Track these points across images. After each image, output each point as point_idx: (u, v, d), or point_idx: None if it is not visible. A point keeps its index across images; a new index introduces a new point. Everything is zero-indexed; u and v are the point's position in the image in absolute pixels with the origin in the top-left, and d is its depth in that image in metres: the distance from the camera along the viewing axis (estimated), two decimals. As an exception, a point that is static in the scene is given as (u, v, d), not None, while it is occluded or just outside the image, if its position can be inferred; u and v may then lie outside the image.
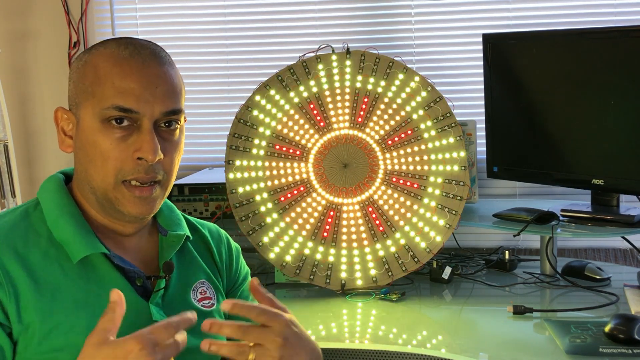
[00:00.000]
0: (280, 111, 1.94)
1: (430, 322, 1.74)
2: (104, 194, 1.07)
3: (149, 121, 1.05)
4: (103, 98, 1.05)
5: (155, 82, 1.06)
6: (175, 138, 1.10)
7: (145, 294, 1.10)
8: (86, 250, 1.05)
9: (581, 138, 1.94)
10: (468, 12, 2.32)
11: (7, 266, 1.02)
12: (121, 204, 1.07)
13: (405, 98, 1.93)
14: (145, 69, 1.06)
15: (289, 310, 1.06)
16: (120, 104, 1.04)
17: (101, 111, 1.05)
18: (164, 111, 1.07)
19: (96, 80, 1.06)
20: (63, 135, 1.12)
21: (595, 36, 1.90)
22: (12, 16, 2.50)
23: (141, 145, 1.05)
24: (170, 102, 1.08)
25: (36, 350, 1.01)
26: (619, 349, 1.45)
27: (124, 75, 1.05)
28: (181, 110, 1.10)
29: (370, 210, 1.91)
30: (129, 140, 1.05)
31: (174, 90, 1.09)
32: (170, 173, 1.11)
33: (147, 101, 1.05)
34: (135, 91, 1.04)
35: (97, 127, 1.05)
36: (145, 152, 1.04)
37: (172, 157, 1.10)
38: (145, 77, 1.06)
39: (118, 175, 1.06)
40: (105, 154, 1.05)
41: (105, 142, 1.05)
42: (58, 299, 1.03)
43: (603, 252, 2.27)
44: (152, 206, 1.09)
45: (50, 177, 1.15)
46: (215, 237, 1.28)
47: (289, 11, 2.42)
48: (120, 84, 1.04)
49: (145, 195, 1.07)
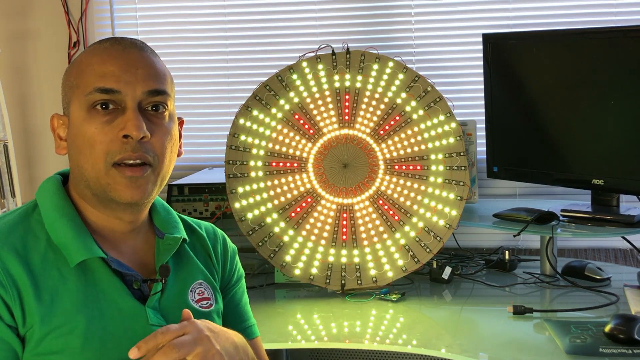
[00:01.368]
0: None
1: (430, 322, 1.74)
2: (97, 182, 1.07)
3: (132, 101, 1.06)
4: (86, 85, 1.07)
5: (135, 64, 1.08)
6: (165, 122, 1.10)
7: (142, 297, 1.10)
8: (84, 255, 1.05)
9: (581, 138, 1.94)
10: (468, 12, 2.32)
11: (10, 269, 1.02)
12: (113, 189, 1.07)
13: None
14: (125, 54, 1.08)
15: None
16: (101, 85, 1.05)
17: (85, 98, 1.06)
18: (146, 90, 1.07)
19: (79, 73, 1.08)
20: (59, 141, 1.13)
21: (595, 36, 1.90)
22: (12, 16, 2.50)
23: (125, 123, 1.05)
24: (153, 83, 1.08)
25: (33, 352, 1.01)
26: (619, 349, 1.45)
27: (103, 61, 1.07)
28: (166, 92, 1.10)
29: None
30: (114, 122, 1.06)
31: (156, 73, 1.10)
32: (162, 157, 1.09)
33: (127, 82, 1.06)
34: (115, 72, 1.06)
35: (83, 117, 1.07)
36: (129, 129, 1.05)
37: (163, 141, 1.09)
38: (125, 60, 1.07)
39: (107, 158, 1.05)
40: (92, 140, 1.05)
41: (90, 128, 1.06)
42: (57, 302, 1.03)
43: (603, 252, 2.27)
44: (143, 190, 1.08)
45: (48, 179, 1.15)
46: (211, 236, 1.28)
47: (289, 11, 2.42)
48: (100, 69, 1.06)
49: (136, 175, 1.06)
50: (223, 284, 1.27)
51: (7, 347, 1.00)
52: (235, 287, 1.29)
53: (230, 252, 1.30)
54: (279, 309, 1.84)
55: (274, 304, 1.88)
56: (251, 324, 1.29)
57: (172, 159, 1.13)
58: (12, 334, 1.00)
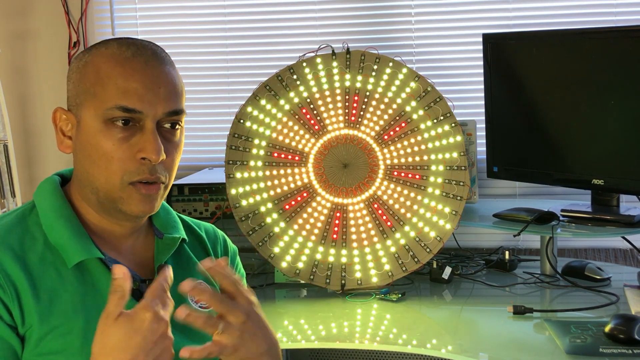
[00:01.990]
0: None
1: (430, 322, 1.74)
2: (108, 194, 1.07)
3: (151, 122, 1.05)
4: (106, 99, 1.05)
5: (158, 82, 1.06)
6: (177, 139, 1.11)
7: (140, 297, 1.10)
8: (81, 255, 1.05)
9: (581, 138, 1.94)
10: (468, 12, 2.32)
11: (8, 269, 1.02)
12: (125, 203, 1.07)
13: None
14: (148, 70, 1.06)
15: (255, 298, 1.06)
16: (124, 104, 1.04)
17: (104, 112, 1.05)
18: (167, 111, 1.07)
19: (98, 81, 1.06)
20: (62, 136, 1.12)
21: (595, 36, 1.90)
22: (12, 16, 2.50)
23: (144, 145, 1.05)
24: (173, 103, 1.08)
25: (32, 353, 1.01)
26: (619, 349, 1.45)
27: (126, 75, 1.05)
28: (183, 111, 1.10)
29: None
30: (132, 140, 1.05)
31: (176, 90, 1.09)
32: (171, 173, 1.11)
33: (150, 102, 1.05)
34: (139, 91, 1.04)
35: (98, 128, 1.05)
36: (149, 153, 1.04)
37: (173, 158, 1.10)
38: (148, 77, 1.06)
39: (124, 177, 1.06)
40: (109, 155, 1.05)
41: (107, 143, 1.05)
42: (55, 303, 1.03)
43: (603, 252, 2.27)
44: (154, 204, 1.09)
45: (46, 180, 1.14)
46: (211, 237, 1.28)
47: (289, 11, 2.42)
48: (123, 84, 1.04)
49: (151, 193, 1.08)
50: None
51: (7, 347, 1.00)
52: None
53: (230, 252, 1.30)
54: (279, 309, 1.84)
55: (274, 304, 1.88)
56: None
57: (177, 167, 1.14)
58: (12, 333, 1.00)
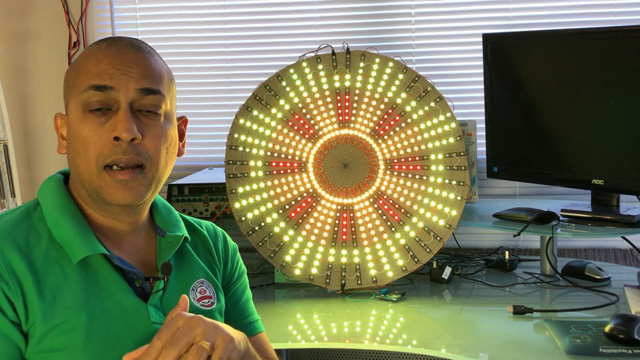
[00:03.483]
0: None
1: (430, 322, 1.74)
2: (90, 183, 1.08)
3: (124, 100, 1.06)
4: (80, 85, 1.07)
5: (129, 64, 1.08)
6: (159, 123, 1.10)
7: (144, 295, 1.10)
8: (86, 251, 1.06)
9: (581, 138, 1.94)
10: (468, 12, 2.32)
11: (14, 265, 1.02)
12: (105, 192, 1.07)
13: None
14: (120, 54, 1.08)
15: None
16: (95, 82, 1.06)
17: (80, 96, 1.07)
18: (138, 88, 1.07)
19: (76, 74, 1.09)
20: (61, 140, 1.14)
21: (595, 36, 1.90)
22: (12, 16, 2.50)
23: (116, 124, 1.05)
24: (146, 81, 1.08)
25: (36, 350, 1.01)
26: (619, 349, 1.45)
27: (98, 61, 1.08)
28: (160, 92, 1.09)
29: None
30: (107, 124, 1.06)
31: (151, 72, 1.09)
32: (155, 159, 1.09)
33: (121, 78, 1.07)
34: (109, 70, 1.07)
35: (79, 117, 1.07)
36: (119, 130, 1.05)
37: (156, 143, 1.09)
38: (119, 60, 1.08)
39: (99, 160, 1.06)
40: (86, 141, 1.06)
41: (85, 130, 1.06)
42: (59, 300, 1.03)
43: (603, 252, 2.27)
44: (135, 192, 1.08)
45: (50, 177, 1.15)
46: (212, 235, 1.28)
47: (289, 11, 2.42)
48: (95, 68, 1.07)
49: (126, 178, 1.07)
50: (225, 282, 1.28)
51: (11, 344, 1.00)
52: (236, 284, 1.29)
53: (231, 249, 1.30)
54: (279, 309, 1.84)
55: (274, 304, 1.88)
56: (254, 320, 1.29)
57: (169, 160, 1.13)
58: (15, 330, 1.01)
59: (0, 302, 1.00)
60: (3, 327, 1.00)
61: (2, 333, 1.00)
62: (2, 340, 1.00)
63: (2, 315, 1.00)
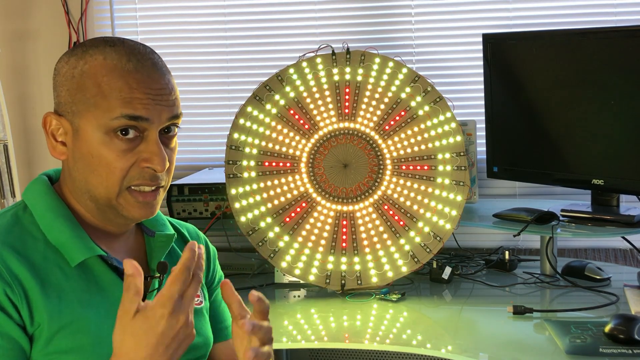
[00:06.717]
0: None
1: (430, 322, 1.74)
2: (107, 202, 1.08)
3: (155, 130, 1.06)
4: (109, 109, 1.04)
5: (161, 92, 1.07)
6: (174, 143, 1.12)
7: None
8: (85, 254, 1.06)
9: (581, 138, 1.94)
10: (468, 12, 2.32)
11: (14, 268, 1.01)
12: (125, 210, 1.08)
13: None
14: (150, 81, 1.07)
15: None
16: (130, 112, 1.04)
17: (109, 122, 1.04)
18: (170, 116, 1.08)
19: (99, 93, 1.05)
20: (54, 142, 1.10)
21: (595, 36, 1.90)
22: (12, 16, 2.50)
23: (150, 155, 1.06)
24: (175, 109, 1.09)
25: (43, 352, 1.01)
26: (619, 349, 1.45)
27: (130, 88, 1.05)
28: (181, 115, 1.12)
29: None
30: (135, 150, 1.06)
31: (176, 97, 1.10)
32: (170, 176, 1.13)
33: (155, 109, 1.06)
34: (143, 101, 1.05)
35: (100, 139, 1.05)
36: (156, 164, 1.06)
37: (172, 161, 1.12)
38: (151, 88, 1.06)
39: (123, 182, 1.06)
40: (111, 165, 1.05)
41: (110, 154, 1.05)
42: (64, 300, 1.03)
43: (603, 252, 2.27)
44: (154, 209, 1.11)
45: (36, 180, 1.14)
46: (194, 237, 1.30)
47: (289, 11, 2.42)
48: (127, 95, 1.05)
49: (149, 200, 1.09)
50: (207, 285, 1.29)
51: (17, 346, 1.00)
52: (217, 288, 1.31)
53: (212, 253, 1.32)
54: (279, 309, 1.84)
55: (274, 304, 1.88)
56: (229, 325, 1.30)
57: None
58: (21, 333, 1.00)
59: (5, 305, 0.99)
60: (9, 329, 0.99)
61: (8, 335, 0.99)
62: (8, 343, 0.99)
63: (7, 317, 0.99)
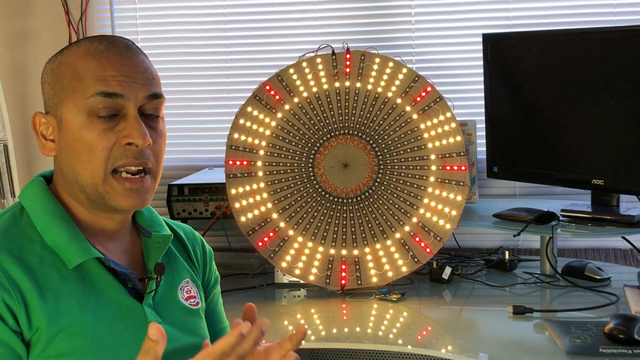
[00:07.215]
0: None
1: (430, 322, 1.74)
2: (94, 189, 1.07)
3: (134, 107, 1.06)
4: (85, 89, 1.05)
5: (135, 70, 1.08)
6: (160, 127, 1.11)
7: (136, 296, 1.10)
8: (82, 256, 1.05)
9: (581, 138, 1.94)
10: (468, 12, 2.32)
11: (10, 272, 1.01)
12: (112, 198, 1.07)
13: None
14: (123, 59, 1.07)
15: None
16: (104, 89, 1.04)
17: (85, 102, 1.05)
18: (147, 94, 1.07)
19: (75, 77, 1.06)
20: (44, 140, 1.11)
21: (595, 36, 1.90)
22: (12, 16, 2.50)
23: (130, 131, 1.05)
24: (152, 87, 1.09)
25: (41, 356, 1.00)
26: (619, 349, 1.45)
27: (103, 66, 1.06)
28: (162, 95, 1.11)
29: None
30: (116, 129, 1.05)
31: (153, 76, 1.10)
32: (159, 161, 1.11)
33: (130, 86, 1.06)
34: (117, 78, 1.06)
35: (81, 122, 1.05)
36: (136, 137, 1.05)
37: (160, 145, 1.11)
38: (124, 66, 1.07)
39: (107, 164, 1.05)
40: (92, 146, 1.05)
41: (91, 135, 1.05)
42: (62, 303, 1.02)
43: (603, 252, 2.27)
44: (144, 198, 1.09)
45: (32, 182, 1.13)
46: (190, 237, 1.29)
47: (289, 11, 2.42)
48: (101, 74, 1.05)
49: (136, 186, 1.07)
50: (203, 286, 1.28)
51: (11, 352, 0.99)
52: (214, 289, 1.31)
53: (208, 254, 1.31)
54: (279, 309, 1.84)
55: (274, 304, 1.88)
56: (226, 326, 1.30)
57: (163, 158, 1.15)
58: (16, 339, 0.99)
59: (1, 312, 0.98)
60: (4, 335, 0.98)
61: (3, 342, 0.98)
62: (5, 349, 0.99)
63: (3, 324, 0.98)
